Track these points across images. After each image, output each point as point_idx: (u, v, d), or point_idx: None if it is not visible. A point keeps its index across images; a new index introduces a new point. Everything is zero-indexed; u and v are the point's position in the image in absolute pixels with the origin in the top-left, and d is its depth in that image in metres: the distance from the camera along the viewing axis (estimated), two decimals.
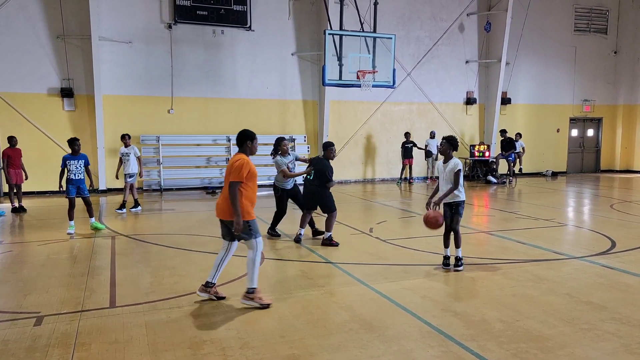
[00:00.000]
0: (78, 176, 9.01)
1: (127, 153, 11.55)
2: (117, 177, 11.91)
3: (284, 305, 5.22)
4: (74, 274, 6.39)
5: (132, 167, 11.57)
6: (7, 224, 10.25)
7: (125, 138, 11.63)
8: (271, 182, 9.25)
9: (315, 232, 8.42)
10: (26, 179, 11.68)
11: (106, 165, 14.99)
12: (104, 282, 6.04)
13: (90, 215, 9.26)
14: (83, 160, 9.06)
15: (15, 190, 11.55)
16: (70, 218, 9.00)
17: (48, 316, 4.88)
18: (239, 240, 5.34)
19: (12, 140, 11.41)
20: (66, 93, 14.45)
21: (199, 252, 7.56)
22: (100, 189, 14.95)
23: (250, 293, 5.11)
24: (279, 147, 8.30)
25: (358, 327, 4.61)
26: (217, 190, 15.54)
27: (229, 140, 16.11)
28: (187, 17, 15.39)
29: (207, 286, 5.31)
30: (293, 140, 16.69)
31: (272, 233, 8.55)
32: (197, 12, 15.43)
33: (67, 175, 8.96)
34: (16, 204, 11.52)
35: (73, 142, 9.01)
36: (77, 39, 14.44)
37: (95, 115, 14.58)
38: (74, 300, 5.38)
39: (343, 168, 17.70)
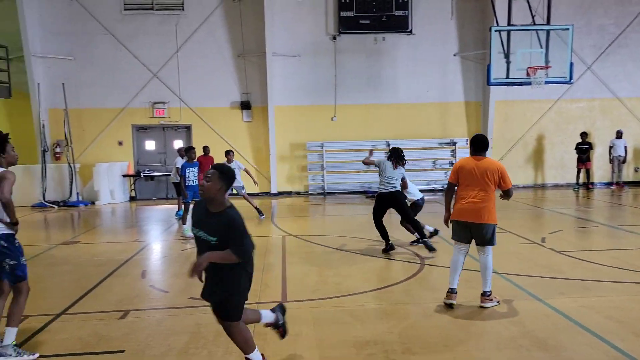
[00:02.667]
0: (194, 182, 9.63)
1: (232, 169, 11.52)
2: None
3: (448, 314, 5.08)
4: None
5: (239, 180, 11.33)
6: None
7: (229, 154, 11.42)
8: (432, 186, 8.90)
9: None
10: None
11: (277, 170, 16.28)
12: (276, 278, 6.56)
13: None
14: (197, 168, 9.80)
15: None
16: (184, 222, 9.58)
17: None
18: (491, 245, 5.26)
19: (206, 149, 12.89)
20: (245, 106, 16.09)
21: (361, 254, 7.76)
22: (272, 192, 16.28)
23: (487, 295, 5.24)
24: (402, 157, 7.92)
25: (529, 344, 4.28)
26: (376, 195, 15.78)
27: (388, 145, 16.24)
28: (350, 27, 15.97)
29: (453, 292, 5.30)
30: (454, 143, 16.16)
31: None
32: (360, 21, 15.90)
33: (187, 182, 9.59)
34: None
35: (190, 151, 9.74)
36: (254, 56, 15.99)
37: (268, 125, 15.96)
38: (252, 292, 5.88)
39: (510, 172, 16.55)
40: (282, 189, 16.54)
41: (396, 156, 7.85)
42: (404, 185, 7.88)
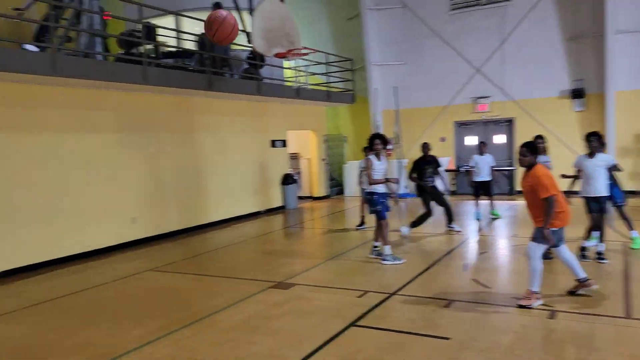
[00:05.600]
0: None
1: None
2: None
3: None
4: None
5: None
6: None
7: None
8: None
9: None
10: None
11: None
12: (615, 290, 5.67)
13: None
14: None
15: None
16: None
17: (560, 312, 5.03)
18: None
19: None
20: (576, 94, 14.45)
21: None
22: None
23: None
24: None
25: None
26: None
27: None
28: None
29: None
30: None
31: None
32: None
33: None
34: None
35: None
36: (588, 38, 14.17)
37: (606, 113, 13.91)
38: (585, 301, 5.32)
39: None
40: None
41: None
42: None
